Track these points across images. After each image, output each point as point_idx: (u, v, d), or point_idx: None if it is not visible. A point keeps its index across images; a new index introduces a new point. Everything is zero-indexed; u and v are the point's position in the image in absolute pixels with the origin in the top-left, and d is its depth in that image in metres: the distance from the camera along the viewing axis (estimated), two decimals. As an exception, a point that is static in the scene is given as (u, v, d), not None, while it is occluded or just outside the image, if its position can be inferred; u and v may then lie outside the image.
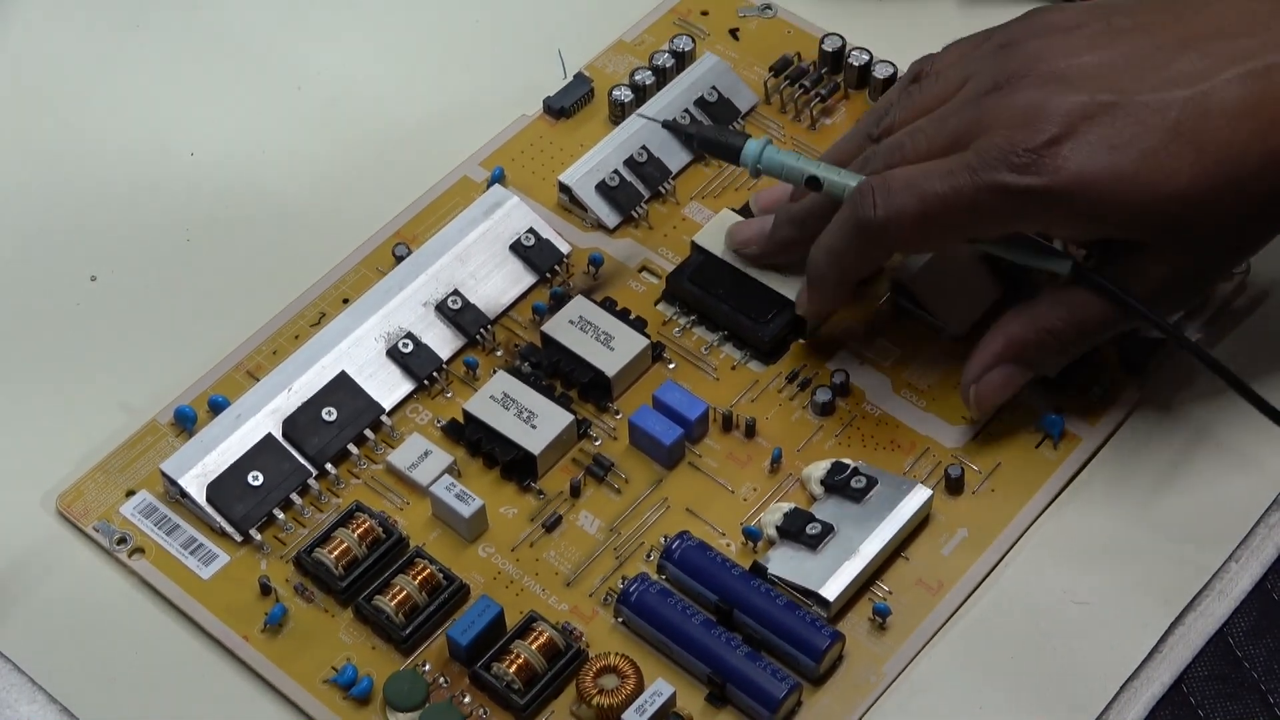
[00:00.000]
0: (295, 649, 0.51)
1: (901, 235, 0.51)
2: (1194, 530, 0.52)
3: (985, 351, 0.53)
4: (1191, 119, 0.48)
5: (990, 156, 0.49)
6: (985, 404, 0.53)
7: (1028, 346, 0.52)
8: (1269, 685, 0.50)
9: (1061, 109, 0.49)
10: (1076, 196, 0.49)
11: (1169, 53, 0.49)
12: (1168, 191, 0.48)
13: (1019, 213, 0.50)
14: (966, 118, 0.50)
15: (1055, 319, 0.52)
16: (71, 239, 0.60)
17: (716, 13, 0.65)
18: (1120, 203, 0.49)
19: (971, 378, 0.53)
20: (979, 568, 0.52)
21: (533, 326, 0.57)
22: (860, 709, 0.49)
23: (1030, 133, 0.49)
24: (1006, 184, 0.49)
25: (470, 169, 0.61)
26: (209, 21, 0.66)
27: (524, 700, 0.49)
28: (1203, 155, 0.48)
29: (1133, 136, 0.48)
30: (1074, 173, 0.48)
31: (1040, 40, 0.51)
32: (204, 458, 0.53)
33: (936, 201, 0.50)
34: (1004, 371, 0.52)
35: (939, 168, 0.50)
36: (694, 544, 0.51)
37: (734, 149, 0.54)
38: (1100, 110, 0.49)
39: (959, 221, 0.50)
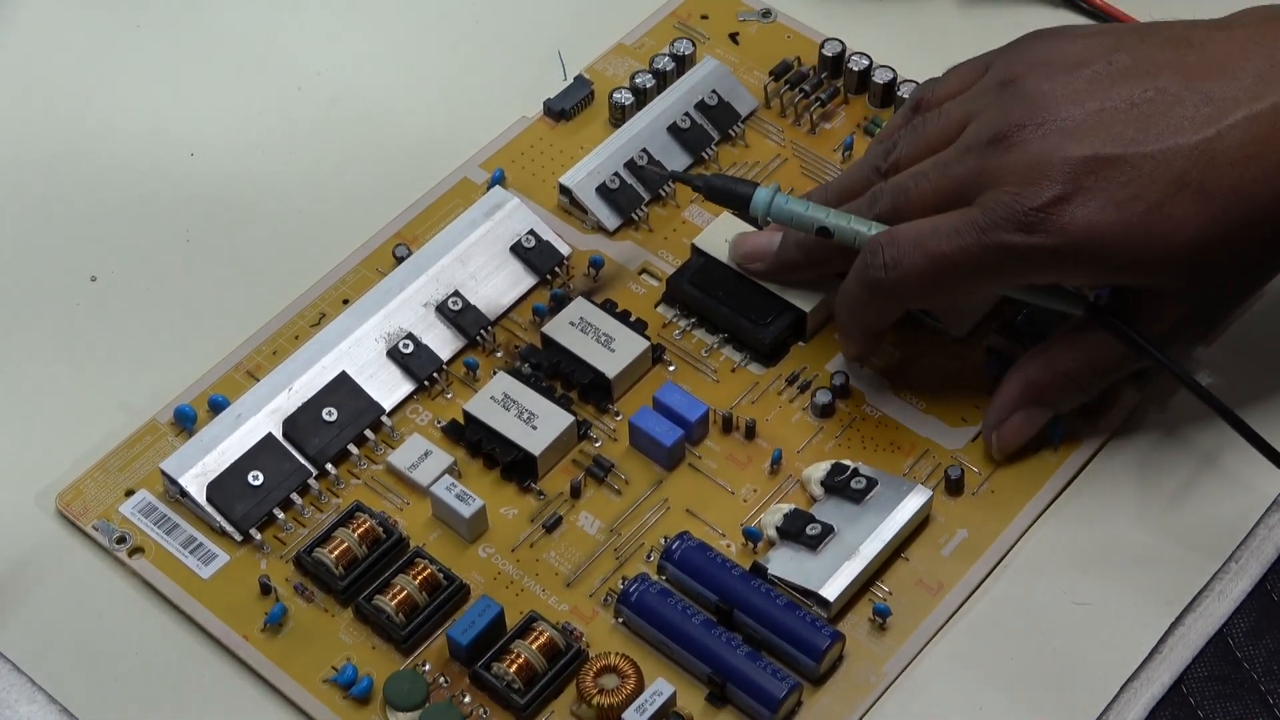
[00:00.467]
0: (295, 649, 0.50)
1: (912, 292, 0.51)
2: (1194, 531, 0.52)
3: (1005, 397, 0.53)
4: (1198, 168, 0.48)
5: (996, 215, 0.49)
6: (1008, 448, 0.53)
7: (1046, 389, 0.52)
8: (1269, 686, 0.50)
9: (1066, 166, 0.49)
10: (1084, 253, 0.49)
11: (1172, 98, 0.49)
12: (1177, 242, 0.48)
13: (1027, 269, 0.50)
14: (969, 167, 0.50)
15: (1071, 362, 0.52)
16: (71, 239, 0.60)
17: (717, 17, 0.65)
18: (1129, 257, 0.49)
19: (993, 424, 0.53)
20: (979, 568, 0.52)
21: (533, 328, 0.57)
22: (860, 709, 0.49)
23: (1035, 191, 0.49)
24: (1013, 244, 0.49)
25: (471, 170, 0.61)
26: (209, 21, 0.66)
27: (524, 700, 0.49)
28: (1210, 203, 0.48)
29: (1139, 190, 0.48)
30: (1080, 231, 0.48)
31: (1041, 84, 0.50)
32: (204, 457, 0.53)
33: (944, 261, 0.50)
34: (1024, 415, 0.53)
35: (946, 225, 0.50)
36: (694, 545, 0.51)
37: (743, 198, 0.54)
38: (1104, 165, 0.48)
39: (968, 278, 0.50)
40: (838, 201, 0.54)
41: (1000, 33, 0.64)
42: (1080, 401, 0.53)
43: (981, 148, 0.50)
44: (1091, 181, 0.48)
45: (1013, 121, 0.50)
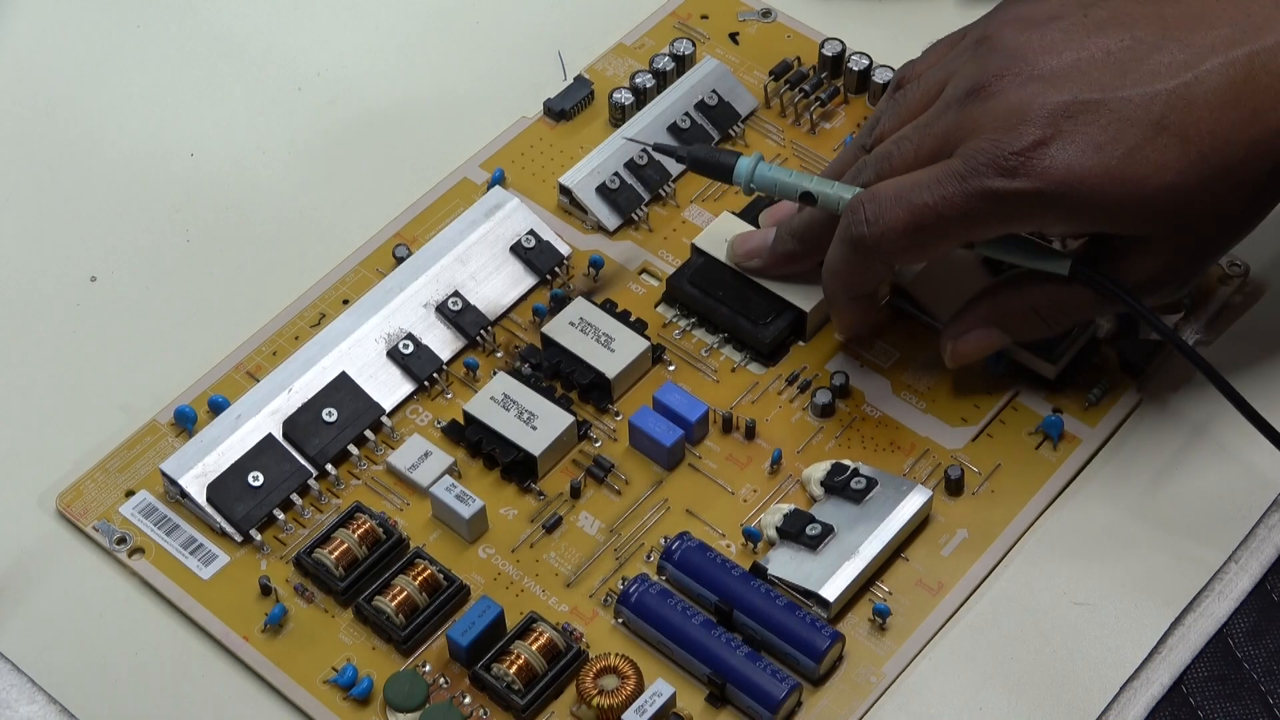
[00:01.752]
0: (295, 649, 0.51)
1: (896, 247, 0.51)
2: (1194, 531, 0.52)
3: (969, 314, 0.53)
4: (1175, 112, 0.48)
5: (977, 162, 0.49)
6: (960, 359, 0.54)
7: (1011, 316, 0.53)
8: (1269, 686, 0.50)
9: (1044, 110, 0.49)
10: (1066, 197, 0.49)
11: (1149, 45, 0.49)
12: (1156, 186, 0.49)
13: (1010, 216, 0.50)
14: (950, 121, 0.50)
15: (1043, 297, 0.52)
16: (71, 239, 0.60)
17: (717, 16, 0.65)
18: (1110, 200, 0.49)
19: (952, 335, 0.53)
20: (979, 568, 0.52)
21: (533, 328, 0.57)
22: (860, 709, 0.49)
23: (1015, 136, 0.49)
24: (995, 189, 0.49)
25: (470, 171, 0.61)
26: (209, 21, 0.66)
27: (524, 701, 0.49)
28: (1188, 147, 0.48)
29: (1118, 134, 0.48)
30: (1061, 174, 0.48)
31: (1017, 36, 0.51)
32: (204, 458, 0.53)
33: (926, 211, 0.50)
34: (984, 333, 0.53)
35: (927, 177, 0.50)
36: (694, 545, 0.51)
37: (726, 168, 0.54)
38: (1083, 109, 0.49)
39: (951, 229, 0.50)
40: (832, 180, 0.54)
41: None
42: (1041, 336, 0.53)
43: (960, 101, 0.50)
44: (1071, 125, 0.49)
45: (990, 72, 0.50)
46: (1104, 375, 0.55)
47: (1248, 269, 0.57)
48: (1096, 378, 0.55)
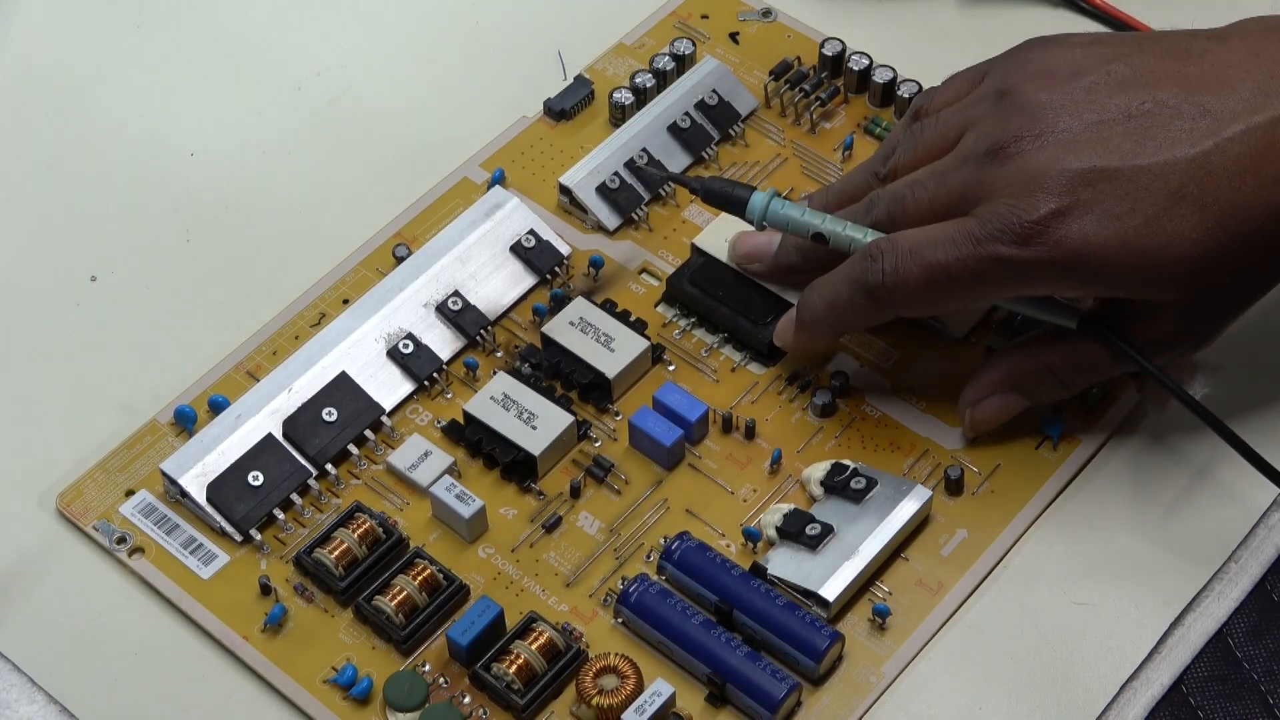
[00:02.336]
0: (295, 649, 0.51)
1: (907, 300, 0.51)
2: (1194, 531, 0.52)
3: (986, 378, 0.53)
4: (1194, 181, 0.48)
5: (993, 227, 0.49)
6: (980, 427, 0.53)
7: (1027, 379, 0.53)
8: (1269, 686, 0.50)
9: (1062, 178, 0.49)
10: (1080, 268, 0.49)
11: (1170, 110, 0.49)
12: (1173, 256, 0.48)
13: (1023, 282, 0.50)
14: (967, 178, 0.50)
15: (1057, 357, 0.52)
16: (71, 239, 0.60)
17: (717, 16, 0.65)
18: (1126, 270, 0.49)
19: (969, 401, 0.53)
20: (979, 568, 0.52)
21: (533, 328, 0.57)
22: (860, 709, 0.49)
23: (1031, 204, 0.49)
24: (1008, 256, 0.49)
25: (471, 170, 0.61)
26: (209, 21, 0.66)
27: (524, 700, 0.49)
28: (1206, 216, 0.48)
29: (1136, 204, 0.48)
30: (1077, 244, 0.48)
31: (1039, 94, 0.50)
32: (204, 458, 0.53)
33: (940, 271, 0.50)
34: (1001, 400, 0.53)
35: (943, 235, 0.50)
36: (694, 545, 0.51)
37: (740, 201, 0.54)
38: (1101, 178, 0.48)
39: (963, 289, 0.50)
40: (836, 206, 0.54)
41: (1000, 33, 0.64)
42: (1060, 397, 0.53)
43: (978, 159, 0.50)
44: (1088, 195, 0.48)
45: (1010, 133, 0.50)
46: (1104, 375, 0.55)
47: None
48: (1096, 378, 0.55)
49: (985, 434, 0.54)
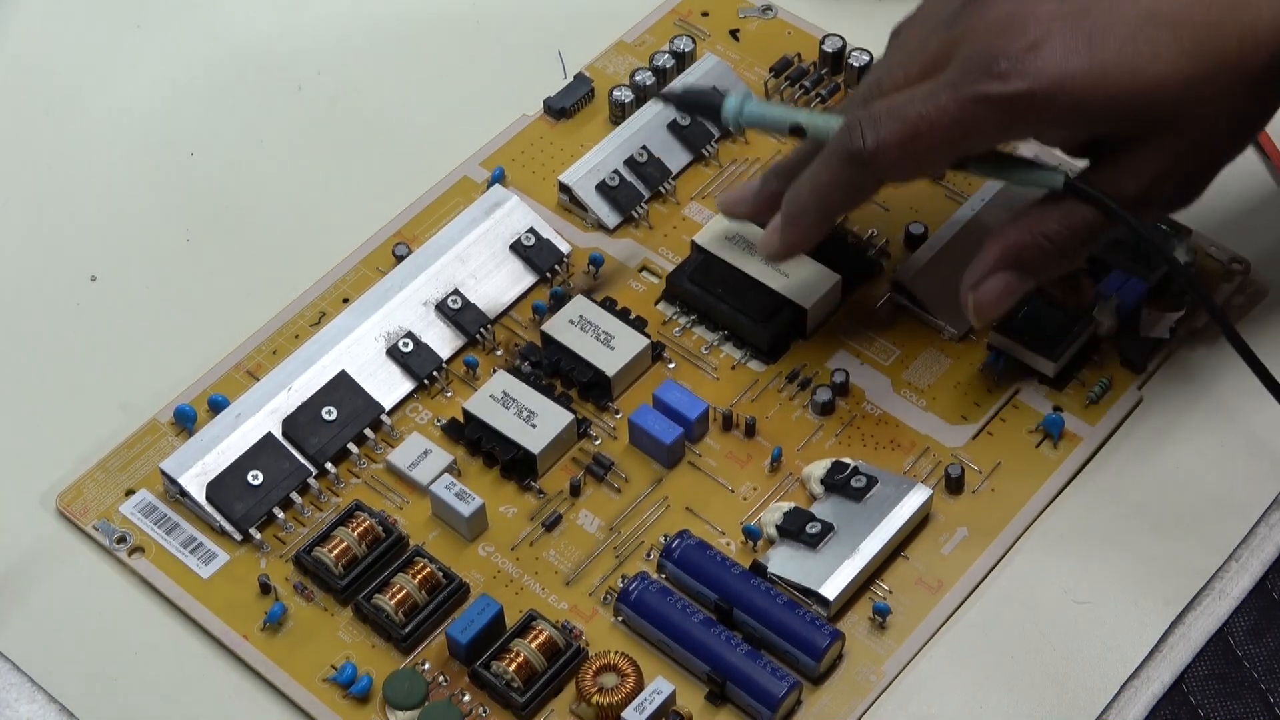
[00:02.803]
0: (295, 648, 0.51)
1: (890, 161, 0.50)
2: (1194, 530, 0.52)
3: (983, 258, 0.51)
4: (1166, 2, 0.48)
5: (971, 69, 0.48)
6: (985, 311, 0.52)
7: (1025, 251, 0.51)
8: (1269, 685, 0.50)
9: (1035, 13, 0.48)
10: (1060, 96, 0.48)
11: None
12: (1150, 77, 0.48)
13: (1005, 122, 0.49)
14: (941, 38, 0.50)
15: (1051, 223, 0.51)
16: (71, 239, 0.60)
17: (717, 13, 0.65)
18: (1106, 96, 0.48)
19: (970, 284, 0.52)
20: (979, 567, 0.52)
21: (533, 326, 0.57)
22: (860, 708, 0.49)
23: (1008, 40, 0.48)
24: (989, 93, 0.48)
25: (470, 169, 0.61)
26: (209, 21, 0.66)
27: (524, 699, 0.49)
28: (1180, 36, 0.48)
29: (1109, 28, 0.48)
30: (1055, 73, 0.48)
31: None
32: (204, 457, 0.53)
33: (921, 123, 0.49)
34: (1003, 278, 0.51)
35: (922, 90, 0.49)
36: (694, 543, 0.51)
37: (715, 105, 0.54)
38: (1075, 9, 0.48)
39: (946, 140, 0.49)
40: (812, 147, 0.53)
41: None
42: (1063, 269, 0.52)
43: (950, 20, 0.50)
44: (1061, 26, 0.48)
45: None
46: (1104, 373, 0.55)
47: (1249, 266, 0.57)
48: (1097, 376, 0.55)
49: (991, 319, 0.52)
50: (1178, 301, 0.56)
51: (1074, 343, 0.55)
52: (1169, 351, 0.56)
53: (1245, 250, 0.58)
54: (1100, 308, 0.55)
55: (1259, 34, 0.48)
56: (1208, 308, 0.51)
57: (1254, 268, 0.57)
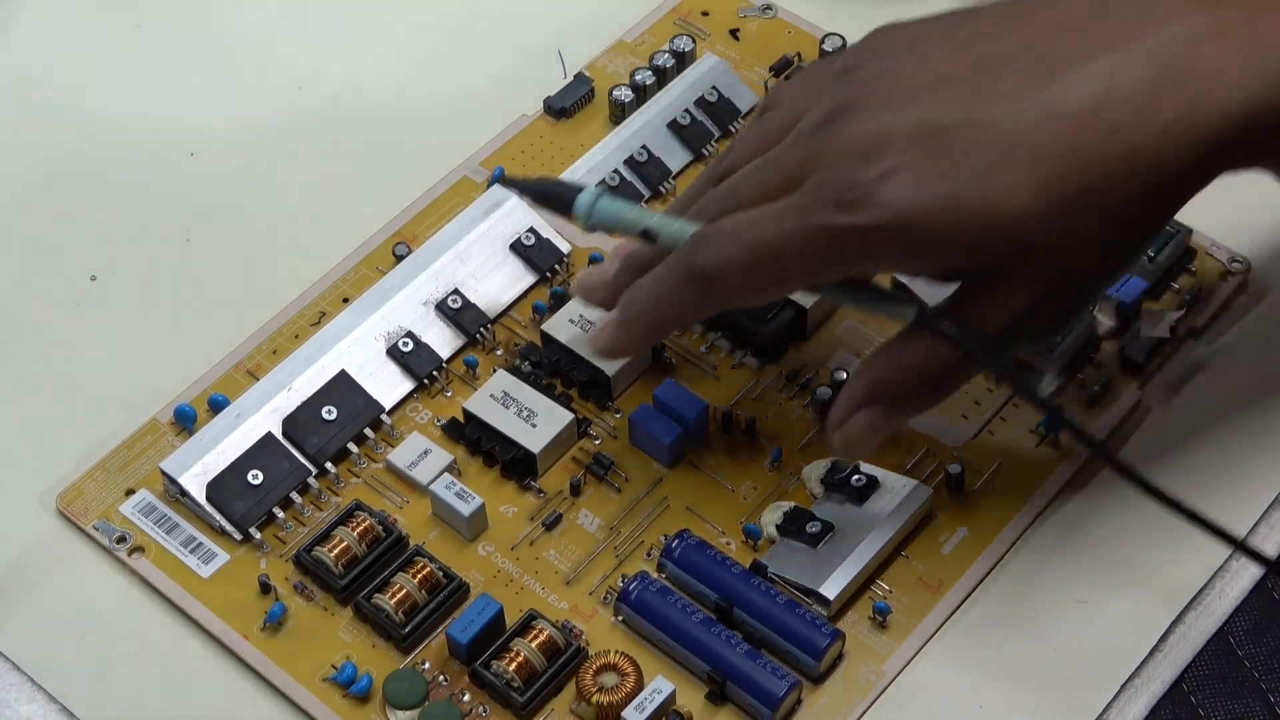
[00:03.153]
0: (295, 647, 0.51)
1: (732, 284, 0.47)
2: (1194, 529, 0.52)
3: (848, 394, 0.48)
4: (1027, 131, 0.44)
5: (819, 197, 0.45)
6: (852, 449, 0.48)
7: (891, 386, 0.48)
8: (1270, 684, 0.50)
9: (890, 138, 0.45)
10: (911, 230, 0.44)
11: (1007, 63, 0.45)
12: (1007, 211, 0.44)
13: (853, 253, 0.46)
14: (797, 155, 0.47)
15: (916, 357, 0.47)
16: (71, 239, 0.60)
17: (717, 13, 0.65)
18: (959, 230, 0.44)
19: (836, 423, 0.48)
20: (979, 567, 0.52)
21: (533, 325, 0.57)
22: (860, 708, 0.49)
23: (858, 168, 0.45)
24: (836, 225, 0.45)
25: (470, 169, 0.61)
26: (209, 21, 0.66)
27: (524, 698, 0.49)
28: (1040, 168, 0.44)
29: (965, 158, 0.44)
30: (904, 206, 0.44)
31: (875, 64, 0.47)
32: (204, 456, 0.53)
33: (765, 249, 0.46)
34: (869, 414, 0.48)
35: (769, 212, 0.46)
36: (694, 542, 0.51)
37: (566, 200, 0.51)
38: (931, 135, 0.45)
39: (792, 268, 0.46)
40: (678, 215, 0.51)
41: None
42: (932, 403, 0.48)
43: (810, 132, 0.47)
44: (916, 154, 0.45)
45: (842, 102, 0.47)
46: (1104, 373, 0.55)
47: (1249, 266, 0.57)
48: (1097, 376, 0.55)
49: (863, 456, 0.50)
50: (1178, 300, 0.56)
51: (1074, 342, 0.55)
52: (1169, 351, 0.56)
53: (1245, 250, 0.58)
54: (1100, 307, 0.55)
55: (1131, 166, 0.44)
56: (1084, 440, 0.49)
57: (1254, 268, 0.57)
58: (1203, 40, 0.45)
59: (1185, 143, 0.44)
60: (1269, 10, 0.45)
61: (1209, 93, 0.44)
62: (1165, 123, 0.44)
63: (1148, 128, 0.44)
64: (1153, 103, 0.44)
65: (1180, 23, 0.45)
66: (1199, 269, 0.57)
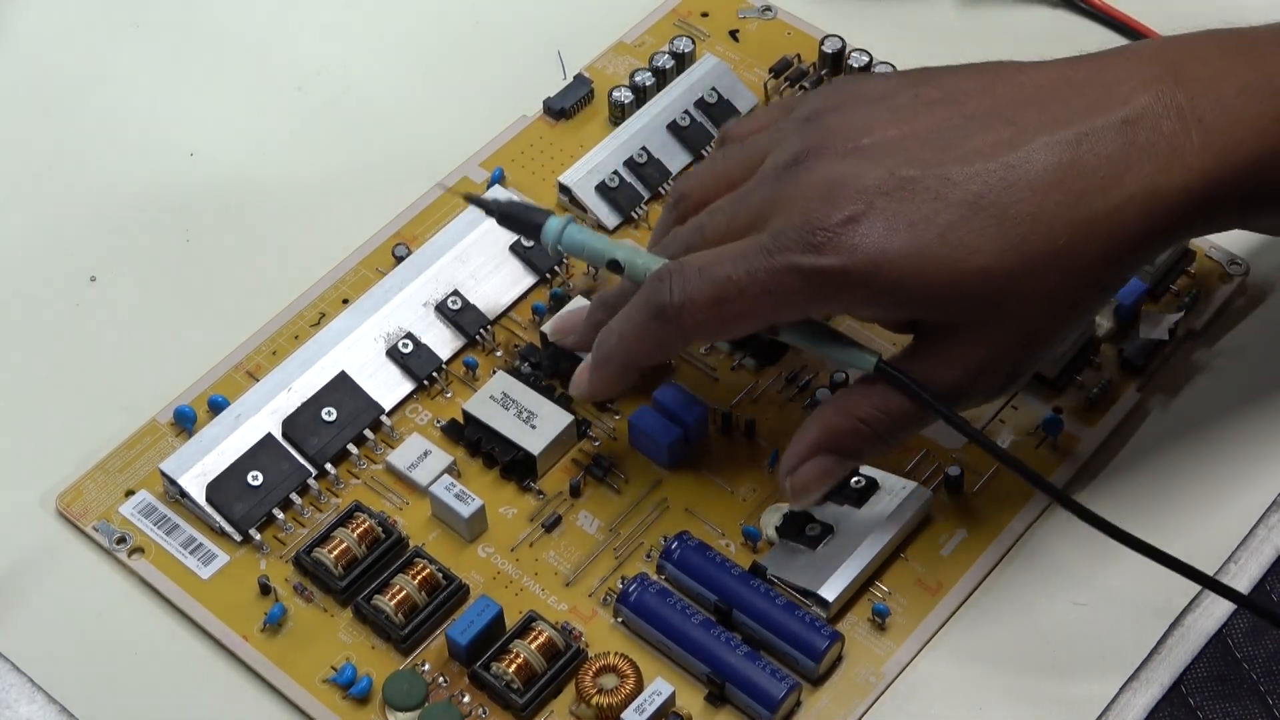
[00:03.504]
0: (295, 649, 0.51)
1: (696, 321, 0.48)
2: (1193, 531, 0.52)
3: (801, 442, 0.49)
4: (995, 192, 0.46)
5: (786, 237, 0.46)
6: (801, 495, 0.50)
7: (843, 435, 0.49)
8: (1268, 686, 0.50)
9: (859, 185, 0.46)
10: (874, 277, 0.46)
11: (976, 123, 0.47)
12: (969, 268, 0.46)
13: (817, 295, 0.47)
14: (764, 195, 0.48)
15: (868, 408, 0.49)
16: (71, 239, 0.60)
17: (716, 14, 0.65)
18: (923, 283, 0.46)
19: (787, 469, 0.50)
20: (979, 568, 0.52)
21: (532, 327, 0.57)
22: (860, 709, 0.49)
23: (827, 211, 0.46)
24: (801, 265, 0.46)
25: (470, 170, 0.61)
26: (209, 21, 0.66)
27: (523, 700, 0.49)
28: (1006, 229, 0.46)
29: (933, 212, 0.46)
30: (871, 252, 0.46)
31: (843, 113, 0.48)
32: (204, 458, 0.53)
33: (731, 287, 0.47)
34: (820, 462, 0.49)
35: (735, 250, 0.47)
36: (693, 544, 0.51)
37: (535, 226, 0.53)
38: (900, 186, 0.46)
39: (755, 306, 0.47)
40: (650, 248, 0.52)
41: (999, 31, 0.64)
42: (882, 453, 0.50)
43: (777, 174, 0.48)
44: (885, 203, 0.46)
45: (809, 146, 0.48)
46: (1104, 375, 0.55)
47: (1248, 267, 0.57)
48: (1096, 377, 0.55)
49: (813, 503, 0.50)
50: (1177, 302, 0.56)
51: (1074, 344, 0.55)
52: (1169, 352, 0.56)
53: (1245, 251, 0.58)
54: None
55: (1094, 230, 0.46)
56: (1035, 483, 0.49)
57: (1254, 268, 0.57)
58: (1163, 117, 0.46)
59: (1146, 213, 0.46)
60: (1226, 84, 0.47)
61: (1170, 168, 0.46)
62: (1128, 194, 0.46)
63: (1111, 198, 0.46)
64: (1117, 174, 0.46)
65: (1143, 98, 0.47)
66: (1198, 271, 0.57)
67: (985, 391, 0.49)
